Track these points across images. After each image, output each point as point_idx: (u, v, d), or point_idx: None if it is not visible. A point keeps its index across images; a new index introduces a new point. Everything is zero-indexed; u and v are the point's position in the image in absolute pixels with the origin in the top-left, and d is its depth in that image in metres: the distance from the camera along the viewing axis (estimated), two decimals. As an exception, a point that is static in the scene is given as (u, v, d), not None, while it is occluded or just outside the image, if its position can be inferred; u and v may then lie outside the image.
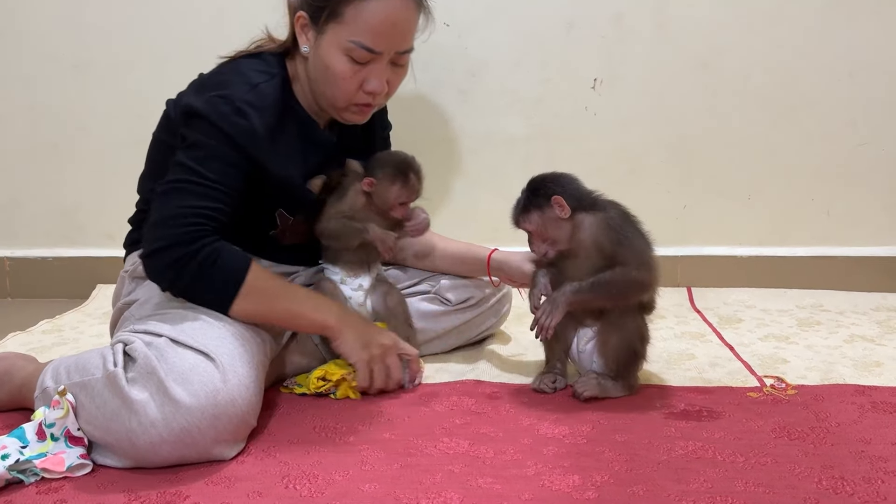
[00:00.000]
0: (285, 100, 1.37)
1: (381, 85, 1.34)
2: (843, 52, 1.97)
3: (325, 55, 1.32)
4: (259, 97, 1.32)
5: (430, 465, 1.14)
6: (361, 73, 1.32)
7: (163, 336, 1.19)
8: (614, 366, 1.35)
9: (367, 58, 1.30)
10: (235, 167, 1.30)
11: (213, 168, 1.28)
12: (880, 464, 1.11)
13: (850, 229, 2.07)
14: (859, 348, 1.61)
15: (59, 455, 1.13)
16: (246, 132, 1.29)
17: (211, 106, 1.29)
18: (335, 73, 1.32)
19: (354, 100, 1.35)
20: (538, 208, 1.34)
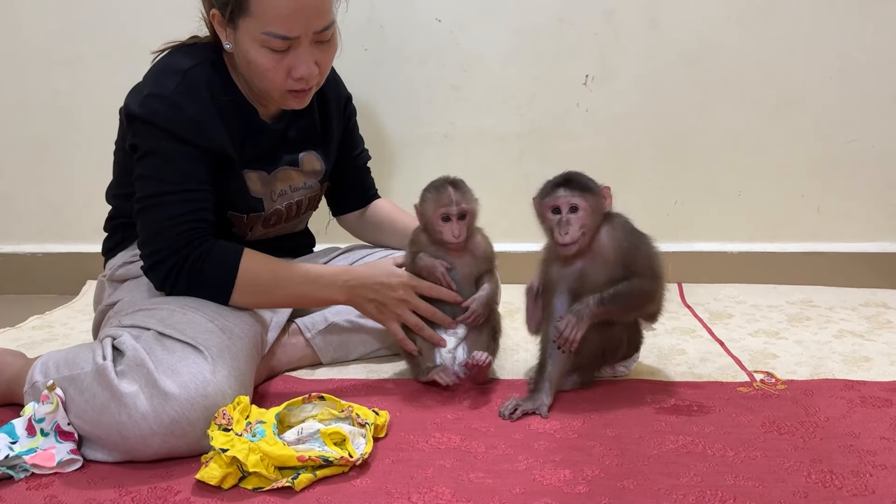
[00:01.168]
0: (219, 84, 1.34)
1: (309, 69, 1.29)
2: (833, 49, 1.98)
3: (245, 50, 1.28)
4: (189, 84, 1.30)
5: (422, 460, 1.14)
6: (285, 62, 1.28)
7: (150, 329, 1.20)
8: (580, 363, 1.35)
9: (285, 45, 1.26)
10: (194, 161, 1.30)
11: (173, 172, 1.29)
12: (868, 457, 1.11)
13: (839, 225, 2.07)
14: (848, 343, 1.62)
15: (49, 450, 1.12)
16: (186, 123, 1.28)
17: (146, 107, 1.28)
18: (258, 67, 1.28)
19: (286, 87, 1.31)
20: (591, 192, 1.29)
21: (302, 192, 1.49)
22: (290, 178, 1.47)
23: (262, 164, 1.42)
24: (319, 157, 1.51)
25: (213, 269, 1.29)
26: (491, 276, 1.41)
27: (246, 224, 1.43)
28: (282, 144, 1.45)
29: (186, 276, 1.28)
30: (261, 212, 1.43)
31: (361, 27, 2.03)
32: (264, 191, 1.42)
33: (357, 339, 1.55)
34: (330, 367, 1.54)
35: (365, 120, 2.09)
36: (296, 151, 1.47)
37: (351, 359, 1.56)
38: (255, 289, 1.31)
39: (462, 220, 1.36)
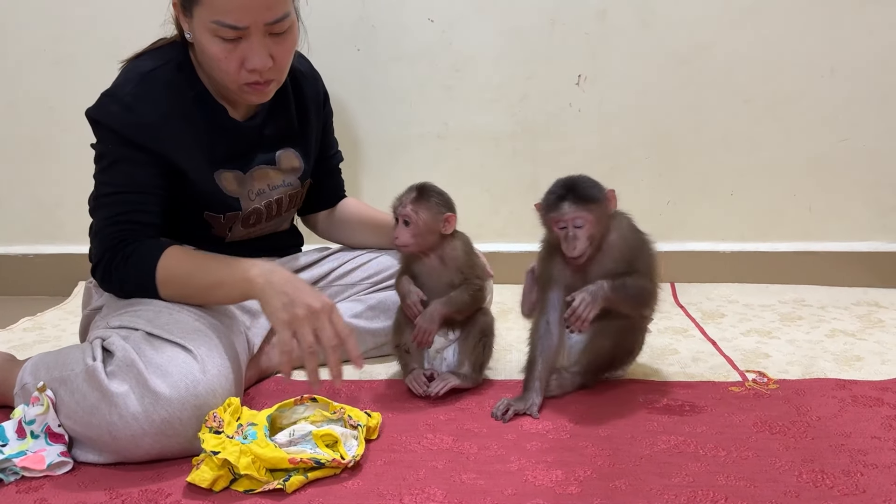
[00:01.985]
0: (186, 83, 1.33)
1: (263, 61, 1.25)
2: (824, 48, 1.98)
3: (199, 39, 1.26)
4: (148, 87, 1.28)
5: (414, 461, 1.14)
6: (237, 52, 1.25)
7: (139, 330, 1.20)
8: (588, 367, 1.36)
9: (235, 35, 1.23)
10: (142, 165, 1.29)
11: (118, 174, 1.29)
12: (860, 457, 1.12)
13: (831, 225, 2.08)
14: (840, 343, 1.62)
15: (39, 453, 1.12)
16: (136, 127, 1.27)
17: (101, 109, 1.29)
18: (211, 57, 1.26)
19: (241, 80, 1.28)
20: (595, 200, 1.26)
21: (281, 190, 1.48)
22: (267, 177, 1.45)
23: (236, 163, 1.40)
24: (298, 155, 1.49)
25: (134, 268, 1.28)
26: (465, 287, 1.37)
27: (224, 224, 1.42)
28: (257, 143, 1.43)
29: (116, 276, 1.29)
30: (237, 211, 1.41)
31: (353, 27, 2.03)
32: (241, 190, 1.41)
33: None
34: (322, 368, 1.53)
35: (357, 120, 2.10)
36: (272, 150, 1.45)
37: (343, 359, 1.55)
38: (175, 284, 1.28)
39: (406, 226, 1.35)
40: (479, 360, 1.39)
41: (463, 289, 1.37)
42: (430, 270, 1.38)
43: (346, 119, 2.07)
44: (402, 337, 1.41)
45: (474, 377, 1.39)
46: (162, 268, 1.28)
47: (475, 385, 1.40)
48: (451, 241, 1.38)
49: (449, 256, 1.37)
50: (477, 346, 1.39)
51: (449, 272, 1.37)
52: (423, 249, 1.37)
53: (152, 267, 1.27)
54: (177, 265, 1.28)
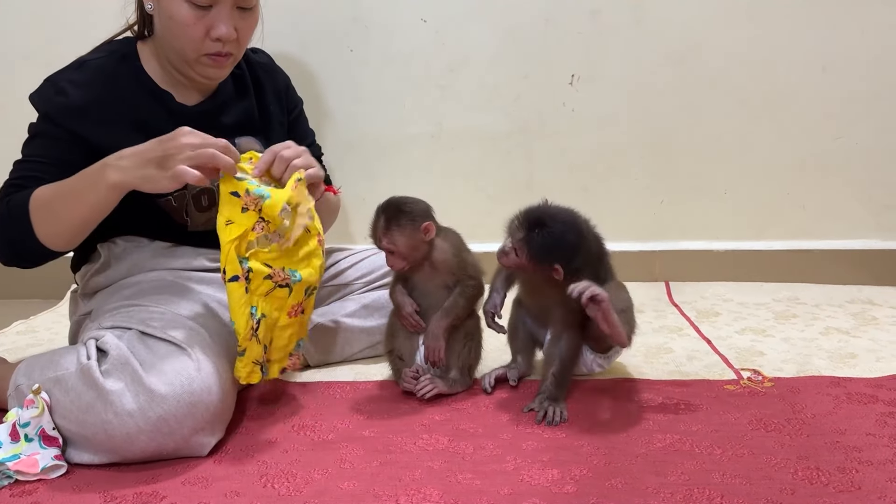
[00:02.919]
0: (128, 72, 1.36)
1: (229, 30, 1.29)
2: (817, 46, 1.98)
3: (167, 5, 1.28)
4: (84, 73, 1.33)
5: (410, 462, 1.13)
6: (206, 20, 1.28)
7: (132, 329, 1.20)
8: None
9: (208, 1, 1.27)
10: (57, 139, 1.31)
11: (32, 147, 1.33)
12: (855, 454, 1.12)
13: (825, 223, 2.08)
14: (835, 340, 1.62)
15: (33, 456, 1.11)
16: (64, 108, 1.30)
17: (38, 93, 1.34)
18: (178, 22, 1.28)
19: (203, 49, 1.31)
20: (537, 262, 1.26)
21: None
22: None
23: None
24: (258, 142, 1.47)
25: (10, 210, 1.26)
26: (460, 290, 1.36)
27: (177, 207, 1.39)
28: (213, 129, 1.36)
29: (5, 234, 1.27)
30: (183, 189, 1.38)
31: (347, 28, 2.03)
32: None
33: (343, 340, 1.54)
34: (316, 368, 1.53)
35: (351, 121, 2.09)
36: (230, 136, 1.39)
37: (338, 360, 1.55)
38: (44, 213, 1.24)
39: (392, 255, 1.34)
40: (466, 363, 1.39)
41: (458, 293, 1.36)
42: (423, 276, 1.38)
43: (339, 120, 2.07)
44: (394, 342, 1.41)
45: (463, 381, 1.39)
46: (34, 200, 1.24)
47: (464, 388, 1.39)
48: (440, 243, 1.36)
49: (438, 261, 1.36)
50: (463, 349, 1.38)
51: (441, 275, 1.37)
52: (418, 262, 1.36)
53: (25, 203, 1.24)
54: (44, 193, 1.25)
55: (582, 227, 1.29)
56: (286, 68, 1.62)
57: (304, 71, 2.01)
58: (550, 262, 1.26)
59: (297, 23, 2.01)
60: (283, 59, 1.61)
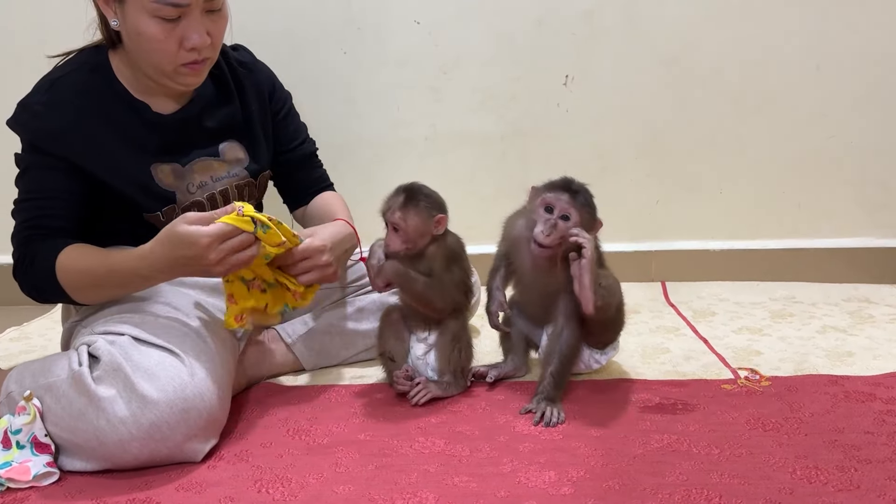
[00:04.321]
0: (101, 85, 1.32)
1: (202, 38, 1.25)
2: (811, 45, 1.98)
3: (134, 23, 1.23)
4: (57, 93, 1.29)
5: (405, 465, 1.13)
6: (176, 31, 1.24)
7: (125, 335, 1.18)
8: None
9: (176, 13, 1.22)
10: (52, 169, 1.28)
11: (29, 180, 1.30)
12: (853, 452, 1.11)
13: (820, 221, 2.08)
14: (832, 339, 1.62)
15: (25, 464, 1.10)
16: (44, 134, 1.27)
17: (14, 118, 1.31)
18: (149, 39, 1.23)
19: (178, 60, 1.27)
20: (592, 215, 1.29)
21: (226, 181, 1.43)
22: (210, 169, 1.41)
23: (171, 156, 1.37)
24: (242, 147, 1.45)
25: (39, 269, 1.26)
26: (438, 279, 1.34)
27: (165, 222, 1.34)
28: (196, 135, 1.40)
29: (27, 279, 1.29)
30: (174, 203, 1.37)
31: (339, 30, 2.02)
32: (178, 183, 1.37)
33: (339, 343, 1.53)
34: (312, 372, 1.52)
35: (344, 123, 2.09)
36: (214, 142, 1.42)
37: (333, 363, 1.55)
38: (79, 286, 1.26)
39: (396, 233, 1.33)
40: (458, 366, 1.37)
41: (425, 280, 1.33)
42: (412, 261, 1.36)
43: (333, 122, 2.06)
44: (386, 344, 1.40)
45: (457, 383, 1.38)
46: (62, 268, 1.24)
47: (460, 391, 1.39)
48: (442, 244, 1.35)
49: (430, 254, 1.35)
50: (452, 352, 1.37)
51: (423, 265, 1.34)
52: (415, 250, 1.35)
53: (51, 267, 1.25)
54: (76, 262, 1.25)
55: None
56: (279, 71, 1.60)
57: (297, 73, 1.99)
58: (595, 214, 1.29)
59: (290, 25, 2.00)
60: (276, 61, 1.59)
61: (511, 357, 1.46)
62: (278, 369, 1.50)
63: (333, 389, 1.43)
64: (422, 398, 1.34)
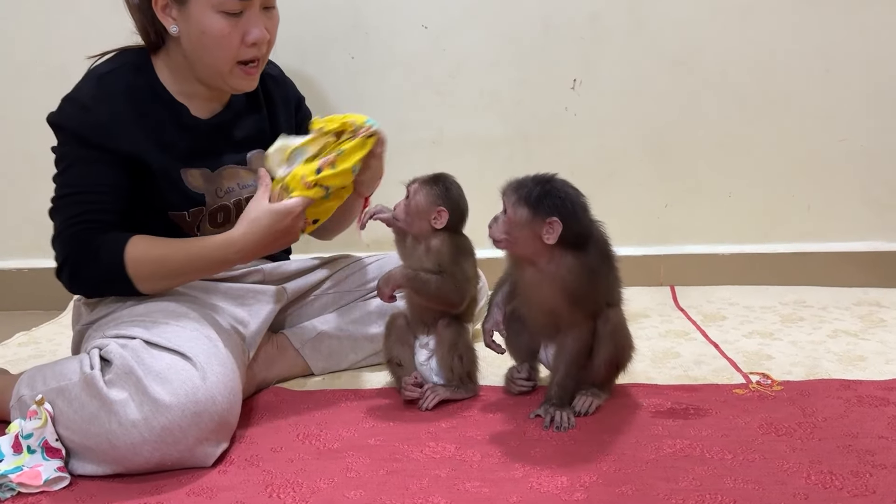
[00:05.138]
0: (143, 84, 1.35)
1: (262, 32, 1.31)
2: (820, 47, 1.98)
3: (198, 21, 1.28)
4: (105, 87, 1.31)
5: (416, 470, 1.12)
6: (239, 26, 1.29)
7: (136, 338, 1.18)
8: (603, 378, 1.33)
9: (240, 6, 1.28)
10: (98, 163, 1.29)
11: (75, 174, 1.30)
12: (868, 457, 1.10)
13: (830, 225, 2.07)
14: (843, 343, 1.61)
15: (36, 468, 1.10)
16: (93, 126, 1.28)
17: (60, 112, 1.31)
18: (214, 34, 1.28)
19: (239, 56, 1.31)
20: (533, 210, 1.21)
21: (251, 189, 1.44)
22: (237, 176, 1.44)
23: (202, 160, 1.39)
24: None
25: (103, 267, 1.27)
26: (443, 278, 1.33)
27: (190, 222, 1.39)
28: (226, 142, 1.43)
29: (85, 279, 1.30)
30: (202, 205, 1.39)
31: (347, 34, 2.02)
32: (207, 187, 1.40)
33: (348, 347, 1.53)
34: (322, 377, 1.52)
35: (352, 127, 2.08)
36: (243, 150, 1.45)
37: (342, 367, 1.54)
38: (151, 276, 1.29)
39: (406, 200, 1.37)
40: (461, 371, 1.37)
41: (438, 277, 1.33)
42: (413, 253, 1.38)
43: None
44: (392, 350, 1.40)
45: (466, 387, 1.38)
46: (132, 257, 1.26)
47: (470, 395, 1.38)
48: (447, 239, 1.36)
49: (434, 248, 1.35)
50: (453, 360, 1.36)
51: (430, 260, 1.35)
52: (413, 231, 1.37)
53: (120, 258, 1.26)
54: (148, 251, 1.28)
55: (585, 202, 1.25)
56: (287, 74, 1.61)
57: (305, 78, 2.00)
58: (546, 212, 1.19)
59: (298, 30, 2.00)
60: (285, 66, 1.60)
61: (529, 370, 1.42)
62: (287, 373, 1.50)
63: (343, 393, 1.42)
64: (431, 402, 1.33)
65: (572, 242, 1.22)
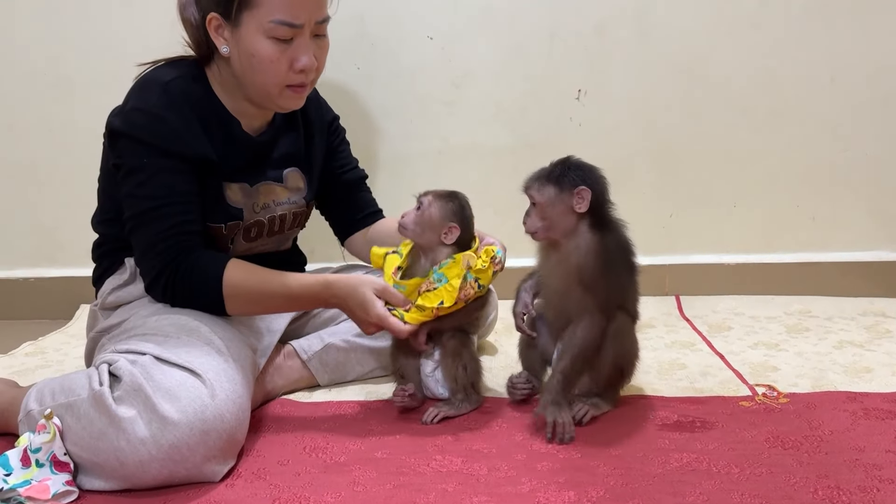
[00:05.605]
0: (201, 95, 1.35)
1: (311, 60, 1.31)
2: (824, 57, 1.98)
3: (249, 44, 1.29)
4: (171, 96, 1.31)
5: (423, 484, 1.12)
6: (288, 53, 1.29)
7: (147, 354, 1.19)
8: (604, 383, 1.34)
9: (290, 34, 1.28)
10: (179, 173, 1.30)
11: (157, 186, 1.29)
12: (875, 472, 1.10)
13: (835, 234, 2.07)
14: (849, 354, 1.61)
15: (44, 482, 1.10)
16: (169, 135, 1.29)
17: (128, 122, 1.30)
18: (263, 59, 1.29)
19: (287, 81, 1.32)
20: (558, 186, 1.28)
21: (286, 207, 1.48)
22: (273, 193, 1.46)
23: (244, 176, 1.41)
24: (303, 176, 1.50)
25: (199, 284, 1.30)
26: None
27: (226, 235, 1.41)
28: (266, 159, 1.45)
29: (180, 291, 1.31)
30: (239, 220, 1.41)
31: (353, 45, 2.03)
32: (245, 202, 1.41)
33: (354, 360, 1.53)
34: (328, 388, 1.52)
35: (358, 137, 2.08)
36: (280, 168, 1.47)
37: (348, 379, 1.54)
38: (244, 299, 1.32)
39: (417, 210, 1.36)
40: (465, 383, 1.37)
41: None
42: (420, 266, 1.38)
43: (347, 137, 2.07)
44: (398, 363, 1.41)
45: (470, 400, 1.37)
46: (229, 281, 1.30)
47: (475, 407, 1.38)
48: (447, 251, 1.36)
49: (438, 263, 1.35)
50: (457, 370, 1.36)
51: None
52: (420, 242, 1.37)
53: (218, 281, 1.29)
54: (246, 278, 1.31)
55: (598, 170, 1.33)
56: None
57: (310, 89, 2.01)
58: (571, 184, 1.27)
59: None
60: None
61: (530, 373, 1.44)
62: (294, 385, 1.50)
63: (349, 406, 1.43)
64: (431, 418, 1.33)
65: (598, 215, 1.29)
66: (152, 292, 1.33)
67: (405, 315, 1.30)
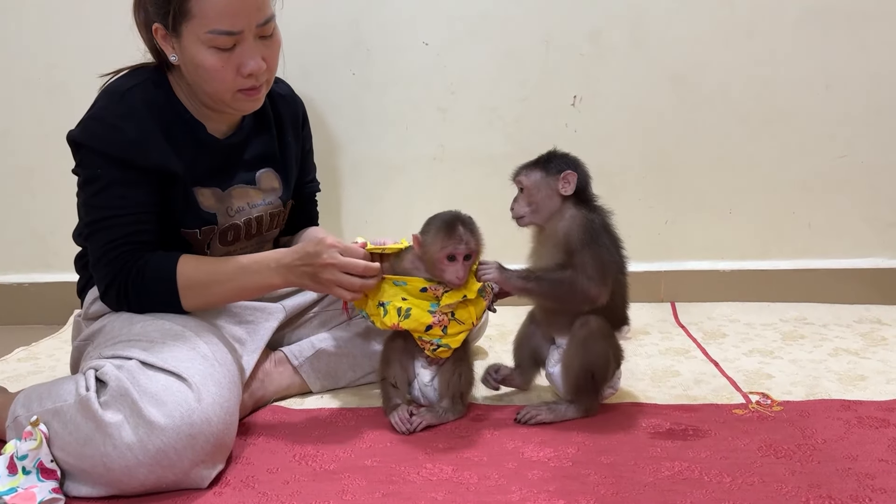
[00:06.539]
0: (163, 101, 1.34)
1: (258, 63, 1.29)
2: (820, 64, 1.98)
3: (192, 55, 1.28)
4: (129, 105, 1.30)
5: (413, 493, 1.11)
6: (233, 60, 1.28)
7: (133, 359, 1.18)
8: (573, 389, 1.34)
9: (231, 41, 1.26)
10: (134, 184, 1.30)
11: (110, 196, 1.29)
12: (867, 481, 1.10)
13: (831, 241, 2.07)
14: (844, 362, 1.60)
15: (31, 490, 1.10)
16: (126, 145, 1.28)
17: (86, 131, 1.30)
18: (207, 69, 1.28)
19: (237, 86, 1.31)
20: (545, 171, 1.34)
21: (261, 208, 1.47)
22: (247, 196, 1.45)
23: (215, 180, 1.40)
24: (277, 176, 1.50)
25: (153, 282, 1.30)
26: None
27: (201, 240, 1.40)
28: (237, 162, 1.44)
29: (135, 295, 1.31)
30: (213, 225, 1.40)
31: (348, 51, 2.03)
32: (218, 206, 1.41)
33: (346, 365, 1.53)
34: (320, 395, 1.51)
35: (353, 144, 2.09)
36: (252, 170, 1.46)
37: (340, 385, 1.54)
38: (198, 291, 1.32)
39: (467, 261, 1.33)
40: (457, 391, 1.36)
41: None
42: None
43: (341, 143, 2.07)
44: (389, 370, 1.39)
45: (455, 409, 1.36)
46: (182, 275, 1.30)
47: (457, 417, 1.37)
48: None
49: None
50: (453, 376, 1.36)
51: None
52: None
53: (172, 277, 1.29)
54: (196, 270, 1.31)
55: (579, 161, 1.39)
56: (288, 92, 1.61)
57: (306, 95, 1.99)
58: (557, 168, 1.33)
59: (299, 47, 2.00)
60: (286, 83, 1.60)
61: (519, 371, 1.45)
62: (285, 391, 1.49)
63: (340, 413, 1.42)
64: (418, 427, 1.32)
65: (583, 199, 1.34)
66: (106, 300, 1.34)
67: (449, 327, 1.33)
